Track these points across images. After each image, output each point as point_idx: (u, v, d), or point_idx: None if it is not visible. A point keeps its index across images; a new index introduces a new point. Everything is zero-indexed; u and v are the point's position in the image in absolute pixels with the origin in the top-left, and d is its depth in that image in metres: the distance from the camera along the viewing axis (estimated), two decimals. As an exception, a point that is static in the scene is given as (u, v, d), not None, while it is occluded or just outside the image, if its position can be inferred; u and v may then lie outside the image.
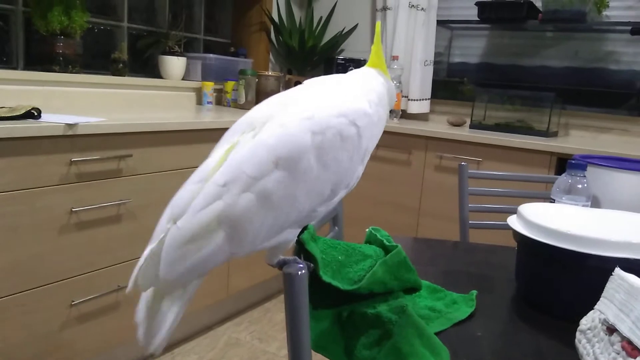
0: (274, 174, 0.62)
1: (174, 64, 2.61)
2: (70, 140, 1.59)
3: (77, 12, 2.10)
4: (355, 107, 0.68)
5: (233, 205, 0.62)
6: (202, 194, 0.63)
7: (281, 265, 0.66)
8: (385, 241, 0.89)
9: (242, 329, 2.38)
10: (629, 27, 2.55)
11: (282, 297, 0.61)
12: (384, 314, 0.73)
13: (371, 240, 0.93)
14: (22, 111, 1.55)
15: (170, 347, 2.17)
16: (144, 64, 2.74)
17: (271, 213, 0.63)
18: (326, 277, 0.71)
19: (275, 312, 2.56)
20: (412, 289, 0.91)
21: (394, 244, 0.88)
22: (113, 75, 2.38)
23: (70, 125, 1.56)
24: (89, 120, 1.65)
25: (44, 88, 2.05)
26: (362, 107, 0.68)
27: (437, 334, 0.80)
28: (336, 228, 1.07)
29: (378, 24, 0.82)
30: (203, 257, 0.63)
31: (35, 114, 1.58)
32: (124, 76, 2.40)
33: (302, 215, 0.66)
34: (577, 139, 2.65)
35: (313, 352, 0.68)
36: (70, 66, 2.13)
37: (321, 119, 0.65)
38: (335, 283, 0.72)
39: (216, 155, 0.66)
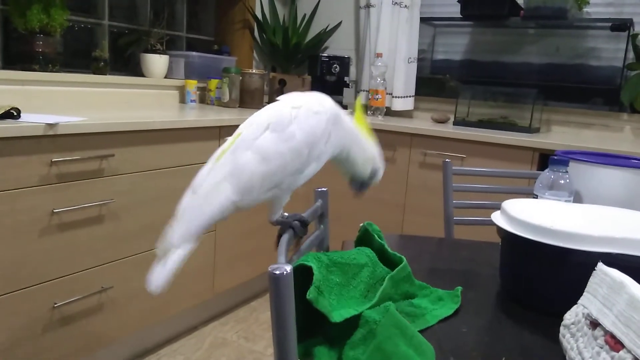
0: (265, 133, 0.83)
1: (156, 62, 2.59)
2: (51, 140, 1.57)
3: (57, 10, 2.07)
4: (326, 98, 0.88)
5: (237, 162, 0.82)
6: (211, 163, 0.85)
7: (278, 223, 0.87)
8: (384, 244, 0.91)
9: (229, 329, 2.37)
10: (609, 24, 2.59)
11: (267, 296, 0.62)
12: (367, 314, 0.73)
13: (364, 238, 0.93)
14: (1, 111, 1.52)
15: (155, 348, 2.15)
16: (126, 63, 2.71)
17: (266, 166, 0.82)
18: (337, 316, 0.71)
19: (261, 311, 2.56)
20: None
21: (398, 255, 0.89)
22: (94, 74, 2.35)
23: (50, 125, 1.54)
24: (69, 119, 1.63)
25: (24, 87, 2.01)
26: (331, 101, 0.88)
27: (422, 330, 0.80)
28: (322, 226, 1.07)
29: (358, 101, 1.02)
30: (213, 208, 0.82)
31: (15, 114, 1.55)
32: (105, 75, 2.37)
33: (291, 173, 0.84)
34: (558, 135, 2.68)
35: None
36: (50, 65, 2.10)
37: (298, 98, 0.87)
38: (350, 313, 0.72)
39: (226, 143, 0.86)
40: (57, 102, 2.13)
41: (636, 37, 2.52)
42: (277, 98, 0.89)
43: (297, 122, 0.83)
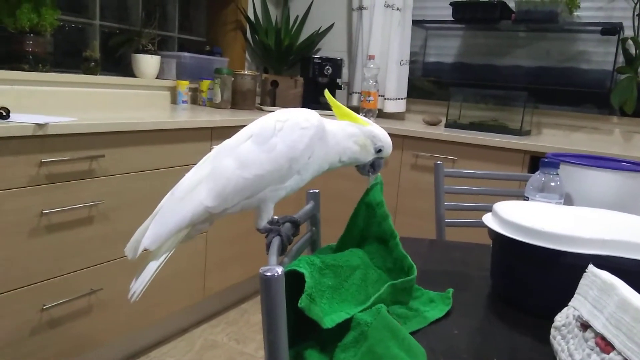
0: (247, 142, 0.84)
1: (148, 63, 2.57)
2: (40, 141, 1.56)
3: (47, 10, 2.05)
4: (314, 117, 0.87)
5: (216, 166, 0.83)
6: (195, 167, 0.86)
7: (266, 231, 0.86)
8: (392, 240, 0.90)
9: (219, 331, 2.36)
10: (600, 28, 2.60)
11: (259, 298, 0.61)
12: (358, 316, 0.72)
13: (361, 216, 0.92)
14: (-10, 111, 1.51)
15: (145, 350, 2.14)
16: (117, 63, 2.70)
17: (244, 174, 0.82)
18: (329, 321, 0.70)
19: (252, 313, 2.55)
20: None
21: (410, 261, 0.88)
22: (84, 74, 2.33)
23: (40, 125, 1.52)
24: (59, 120, 1.61)
25: (13, 87, 1.99)
26: (319, 117, 0.86)
27: (414, 332, 0.80)
28: (314, 228, 1.06)
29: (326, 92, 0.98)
30: (185, 212, 0.82)
31: (4, 113, 1.53)
32: (96, 75, 2.35)
33: (268, 184, 0.84)
34: (549, 138, 2.69)
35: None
36: (40, 65, 2.08)
37: (285, 113, 0.86)
38: (341, 317, 0.72)
39: (213, 150, 0.88)
40: (47, 102, 2.11)
41: (626, 41, 2.54)
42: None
43: (280, 134, 0.83)
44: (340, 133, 0.89)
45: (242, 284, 2.59)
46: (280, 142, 0.83)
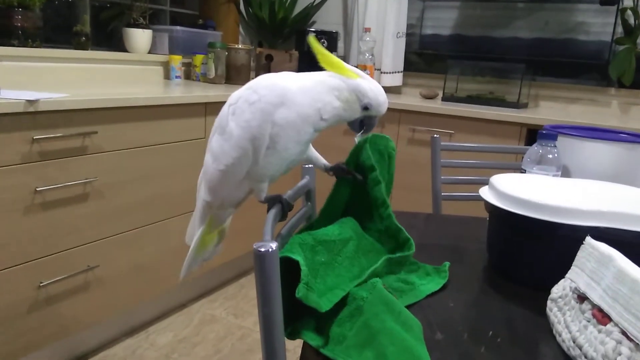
0: (213, 136, 0.87)
1: (139, 37, 2.53)
2: (32, 117, 1.53)
3: (35, -17, 2.00)
4: (265, 82, 0.82)
5: (204, 162, 0.89)
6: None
7: (267, 201, 0.87)
8: (383, 208, 0.89)
9: (217, 305, 2.37)
10: (598, -2, 2.57)
11: (255, 273, 0.61)
12: (354, 291, 0.72)
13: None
14: (-21, 87, 1.48)
15: (144, 325, 2.15)
16: (108, 37, 2.65)
17: (218, 167, 0.84)
18: (326, 302, 0.70)
19: (250, 288, 2.56)
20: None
21: (405, 235, 0.88)
22: (75, 49, 2.29)
23: (31, 102, 1.50)
24: (50, 96, 1.59)
25: (2, 63, 1.96)
26: (272, 81, 0.81)
27: (410, 306, 0.80)
28: (309, 203, 1.06)
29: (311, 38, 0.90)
30: (197, 208, 0.93)
31: (-7, 90, 1.51)
32: (87, 50, 2.32)
33: (245, 168, 0.83)
34: (546, 110, 2.67)
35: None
36: (29, 40, 2.04)
37: (235, 94, 0.84)
38: (337, 296, 0.72)
39: None
40: (38, 78, 2.08)
41: (625, 11, 2.50)
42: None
43: (234, 118, 0.81)
44: (317, 87, 0.80)
45: (240, 259, 2.59)
46: (235, 126, 0.81)
